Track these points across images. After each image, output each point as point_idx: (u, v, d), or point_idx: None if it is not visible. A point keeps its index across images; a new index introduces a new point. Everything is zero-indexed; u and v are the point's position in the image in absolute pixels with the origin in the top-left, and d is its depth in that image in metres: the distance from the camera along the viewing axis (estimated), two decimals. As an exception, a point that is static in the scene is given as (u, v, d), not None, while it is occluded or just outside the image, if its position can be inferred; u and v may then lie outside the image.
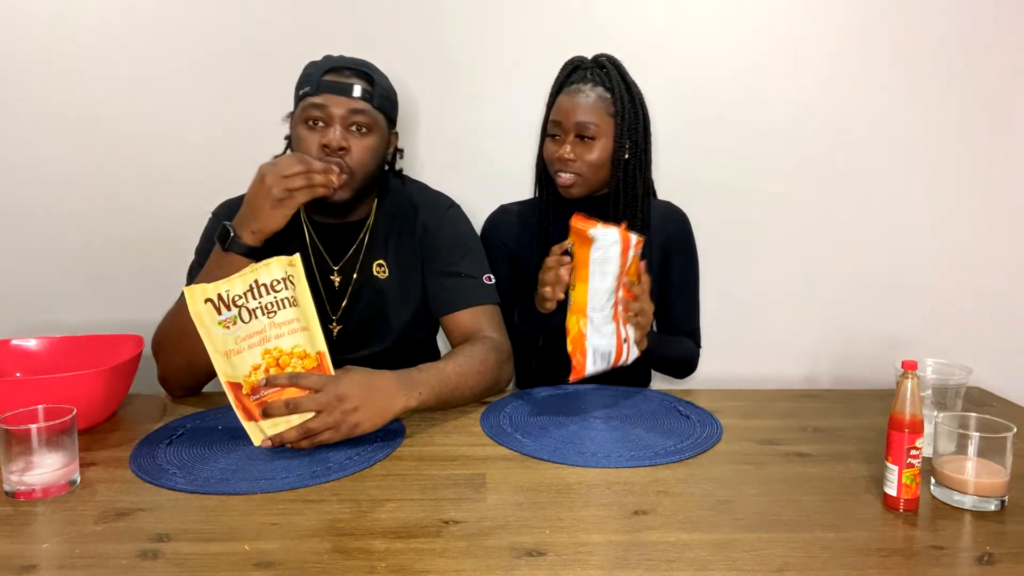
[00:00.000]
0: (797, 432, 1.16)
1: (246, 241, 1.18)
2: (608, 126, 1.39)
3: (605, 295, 1.19)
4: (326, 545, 0.81)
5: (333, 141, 1.23)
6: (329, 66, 1.27)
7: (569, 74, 1.43)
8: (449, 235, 1.39)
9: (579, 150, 1.39)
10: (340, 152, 1.24)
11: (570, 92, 1.40)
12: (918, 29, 1.74)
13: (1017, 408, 1.29)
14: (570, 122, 1.38)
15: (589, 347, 1.19)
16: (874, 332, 1.85)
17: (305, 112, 1.25)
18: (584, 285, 1.19)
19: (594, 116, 1.38)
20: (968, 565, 0.79)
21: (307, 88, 1.26)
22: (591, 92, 1.39)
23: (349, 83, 1.25)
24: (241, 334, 1.05)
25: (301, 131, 1.26)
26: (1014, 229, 1.82)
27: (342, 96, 1.24)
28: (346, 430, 1.04)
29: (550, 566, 0.77)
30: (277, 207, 1.16)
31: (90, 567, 0.77)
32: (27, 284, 1.78)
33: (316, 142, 1.24)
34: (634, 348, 1.24)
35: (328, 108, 1.24)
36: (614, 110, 1.39)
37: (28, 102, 1.71)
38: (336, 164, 1.23)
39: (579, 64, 1.44)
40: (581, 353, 1.18)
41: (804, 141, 1.79)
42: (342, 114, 1.24)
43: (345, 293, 1.36)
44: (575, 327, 1.19)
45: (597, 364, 1.19)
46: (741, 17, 1.74)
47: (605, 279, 1.18)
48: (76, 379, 1.10)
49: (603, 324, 1.19)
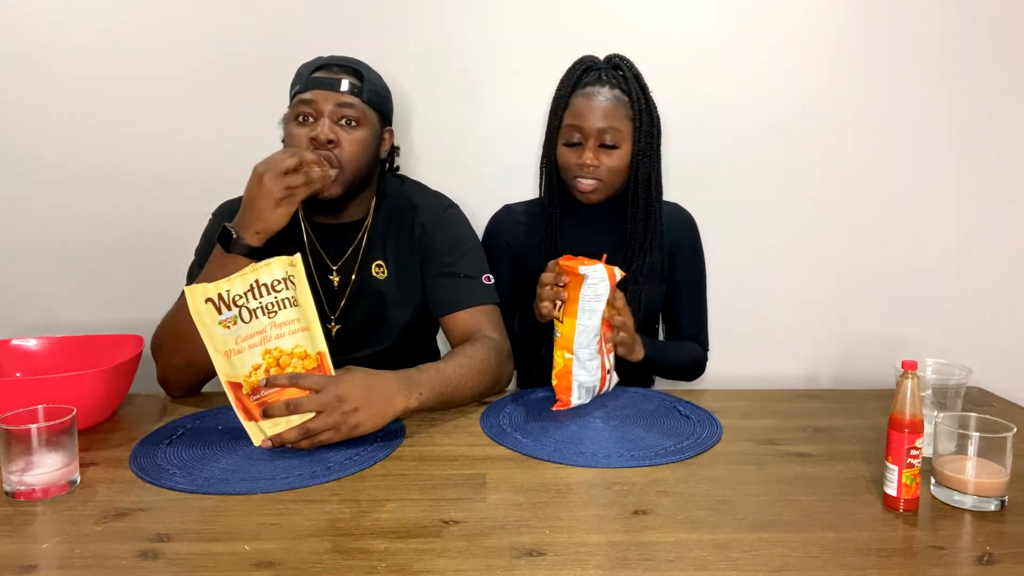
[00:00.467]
0: (797, 432, 1.16)
1: (249, 242, 1.18)
2: (628, 130, 1.37)
3: (592, 332, 1.22)
4: (326, 545, 0.81)
5: (321, 134, 1.23)
6: (318, 64, 1.29)
7: (582, 75, 1.39)
8: (448, 235, 1.39)
9: (601, 156, 1.36)
10: (329, 145, 1.24)
11: (587, 95, 1.36)
12: (918, 30, 1.74)
13: (1017, 408, 1.29)
14: (591, 128, 1.35)
15: (575, 382, 1.23)
16: (874, 332, 1.85)
17: (295, 109, 1.27)
18: (572, 320, 1.21)
19: (615, 121, 1.35)
20: (968, 565, 0.79)
21: (297, 87, 1.28)
22: (608, 95, 1.36)
23: (337, 78, 1.27)
24: (241, 334, 1.05)
25: (291, 127, 1.27)
26: (1014, 229, 1.82)
27: (330, 91, 1.26)
28: (346, 430, 1.04)
29: (550, 566, 0.77)
30: (279, 206, 1.16)
31: (90, 567, 0.77)
32: (27, 284, 1.78)
33: (305, 136, 1.25)
34: (615, 376, 1.31)
35: (316, 103, 1.25)
36: (632, 113, 1.37)
37: (28, 102, 1.71)
38: (325, 158, 1.23)
39: (592, 64, 1.41)
40: (567, 387, 1.23)
41: (804, 141, 1.78)
42: (330, 109, 1.25)
43: (344, 293, 1.36)
44: (561, 362, 1.23)
45: (582, 398, 1.24)
46: (743, 17, 1.73)
47: (593, 316, 1.22)
48: (76, 379, 1.10)
49: (588, 360, 1.23)
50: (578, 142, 1.38)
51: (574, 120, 1.37)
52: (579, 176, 1.38)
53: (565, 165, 1.40)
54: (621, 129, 1.36)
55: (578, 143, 1.38)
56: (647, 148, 1.39)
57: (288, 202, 1.16)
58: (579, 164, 1.37)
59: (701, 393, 1.36)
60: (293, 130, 1.26)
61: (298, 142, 1.25)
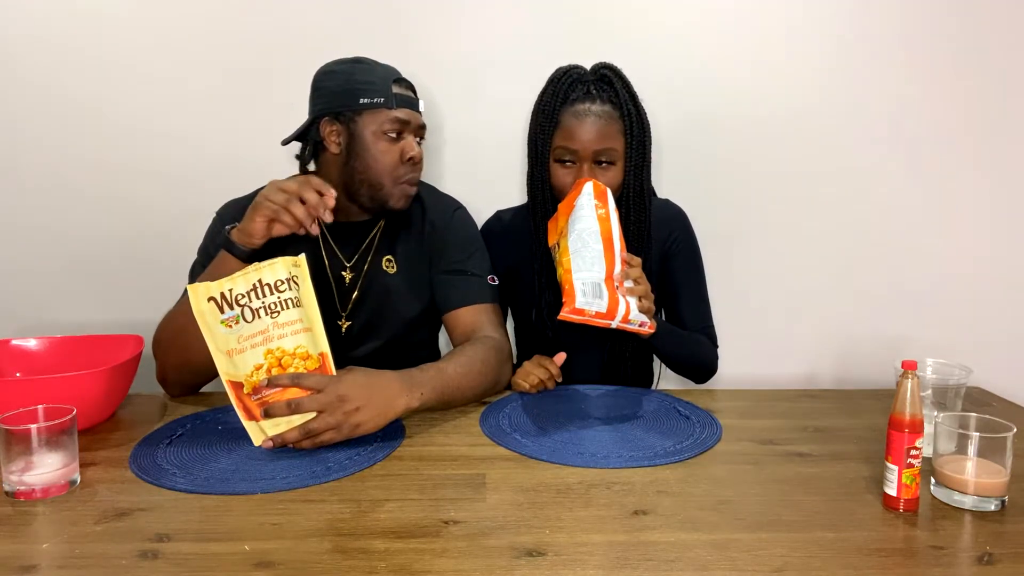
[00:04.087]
0: (797, 432, 1.16)
1: (234, 239, 1.19)
2: (621, 146, 1.33)
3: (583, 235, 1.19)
4: (326, 545, 0.81)
5: (418, 154, 1.32)
6: (393, 77, 1.31)
7: (568, 89, 1.34)
8: (457, 235, 1.41)
9: (596, 173, 1.33)
10: (418, 165, 1.34)
11: (576, 114, 1.31)
12: (920, 31, 1.74)
13: (1017, 408, 1.29)
14: (587, 150, 1.31)
15: (575, 279, 1.15)
16: (874, 332, 1.85)
17: (385, 125, 1.29)
18: (565, 240, 1.21)
19: (610, 141, 1.31)
20: (968, 565, 0.79)
21: (379, 99, 1.28)
22: (600, 112, 1.31)
23: (416, 99, 1.34)
24: (244, 333, 1.05)
25: (382, 143, 1.29)
26: (1015, 229, 1.82)
27: (414, 111, 1.33)
28: (347, 430, 1.04)
29: (550, 566, 0.77)
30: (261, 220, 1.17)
31: (90, 567, 0.77)
32: (27, 284, 1.78)
33: (398, 154, 1.30)
34: (638, 312, 1.17)
35: (409, 123, 1.31)
36: (624, 127, 1.33)
37: (28, 101, 1.71)
38: (413, 178, 1.33)
39: (578, 77, 1.35)
40: (569, 284, 1.14)
41: (803, 141, 1.79)
42: (415, 127, 1.33)
43: (355, 288, 1.38)
44: (560, 271, 1.19)
45: (587, 295, 1.13)
46: (740, 15, 1.74)
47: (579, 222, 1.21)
48: (76, 379, 1.10)
49: (585, 257, 1.17)
50: (570, 161, 1.34)
51: (567, 142, 1.32)
52: None
53: (560, 185, 1.35)
54: (616, 147, 1.32)
55: (570, 162, 1.34)
56: (640, 160, 1.36)
57: (266, 223, 1.17)
58: (575, 184, 1.31)
59: (701, 393, 1.36)
60: (385, 146, 1.29)
61: (391, 158, 1.30)
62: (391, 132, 1.29)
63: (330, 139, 1.31)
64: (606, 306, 1.13)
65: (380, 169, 1.29)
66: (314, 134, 1.33)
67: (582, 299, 1.12)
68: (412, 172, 1.33)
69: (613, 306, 1.13)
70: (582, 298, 1.12)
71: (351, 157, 1.30)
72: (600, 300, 1.13)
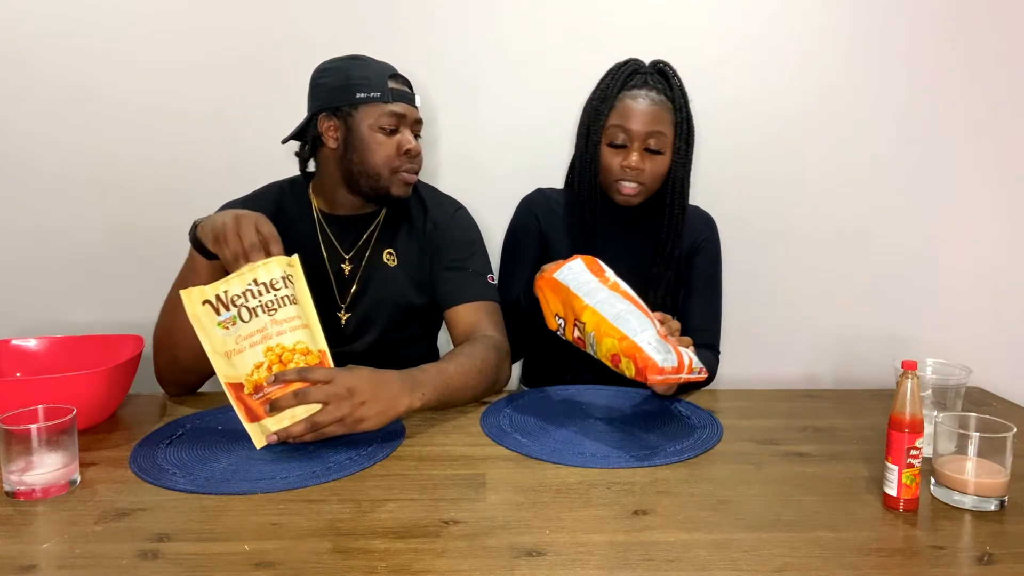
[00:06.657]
0: (797, 432, 1.16)
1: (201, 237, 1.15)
2: (671, 137, 1.38)
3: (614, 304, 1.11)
4: (326, 545, 0.81)
5: (415, 148, 1.33)
6: (389, 72, 1.32)
7: (627, 77, 1.39)
8: (458, 234, 1.43)
9: (645, 160, 1.37)
10: (417, 158, 1.34)
11: (634, 97, 1.37)
12: (925, 32, 1.74)
13: (1017, 408, 1.29)
14: (639, 131, 1.36)
15: (642, 342, 1.06)
16: (874, 332, 1.85)
17: (381, 119, 1.30)
18: (592, 311, 1.11)
19: (661, 126, 1.36)
20: (968, 565, 0.79)
21: (375, 94, 1.29)
22: (656, 99, 1.36)
23: (412, 94, 1.35)
24: (242, 333, 1.04)
25: (378, 137, 1.30)
26: (1015, 229, 1.82)
27: (410, 105, 1.34)
28: (351, 423, 1.03)
29: (550, 566, 0.77)
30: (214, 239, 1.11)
31: (90, 567, 0.77)
32: (27, 284, 1.78)
33: (394, 147, 1.31)
34: (694, 356, 1.12)
35: (405, 117, 1.32)
36: (674, 119, 1.38)
37: (28, 101, 1.71)
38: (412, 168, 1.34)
39: (637, 68, 1.41)
40: (635, 349, 1.05)
41: (803, 143, 1.79)
42: (411, 122, 1.34)
43: (355, 280, 1.38)
44: (613, 344, 1.08)
45: (661, 352, 1.05)
46: (745, 16, 1.73)
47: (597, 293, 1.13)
48: (76, 379, 1.10)
49: (643, 325, 1.08)
50: (622, 144, 1.38)
51: (622, 121, 1.36)
52: (622, 179, 1.39)
53: (608, 166, 1.40)
54: (666, 134, 1.37)
55: (622, 145, 1.38)
56: (684, 156, 1.40)
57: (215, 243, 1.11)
58: (624, 166, 1.37)
59: (701, 393, 1.36)
60: (381, 139, 1.30)
61: (387, 151, 1.30)
62: (387, 126, 1.30)
63: (328, 134, 1.32)
64: (675, 359, 1.07)
65: (377, 161, 1.30)
66: (312, 130, 1.34)
67: (658, 356, 1.05)
68: (410, 163, 1.33)
69: (680, 358, 1.09)
70: (657, 355, 1.05)
71: (348, 151, 1.31)
72: (670, 355, 1.07)
